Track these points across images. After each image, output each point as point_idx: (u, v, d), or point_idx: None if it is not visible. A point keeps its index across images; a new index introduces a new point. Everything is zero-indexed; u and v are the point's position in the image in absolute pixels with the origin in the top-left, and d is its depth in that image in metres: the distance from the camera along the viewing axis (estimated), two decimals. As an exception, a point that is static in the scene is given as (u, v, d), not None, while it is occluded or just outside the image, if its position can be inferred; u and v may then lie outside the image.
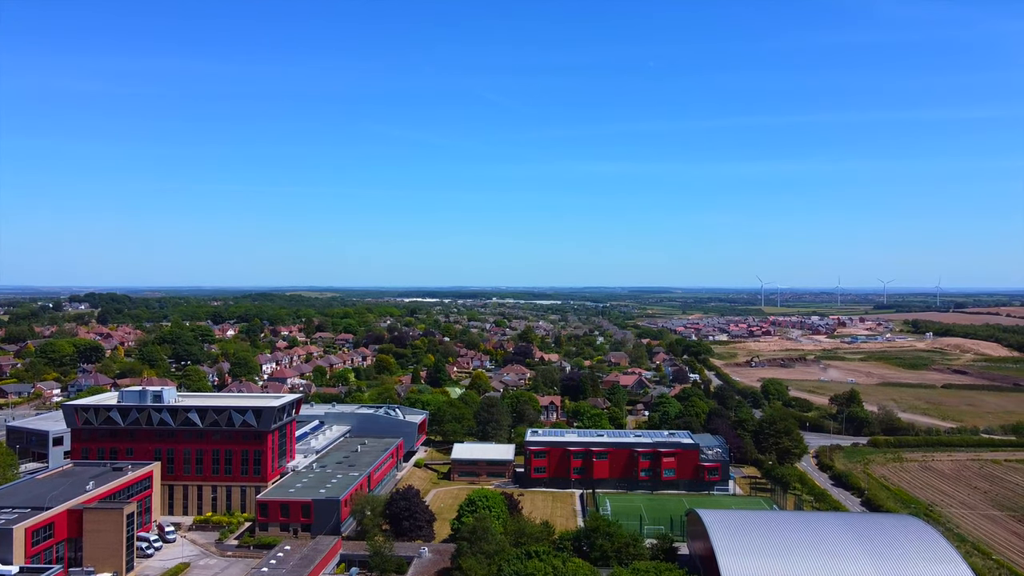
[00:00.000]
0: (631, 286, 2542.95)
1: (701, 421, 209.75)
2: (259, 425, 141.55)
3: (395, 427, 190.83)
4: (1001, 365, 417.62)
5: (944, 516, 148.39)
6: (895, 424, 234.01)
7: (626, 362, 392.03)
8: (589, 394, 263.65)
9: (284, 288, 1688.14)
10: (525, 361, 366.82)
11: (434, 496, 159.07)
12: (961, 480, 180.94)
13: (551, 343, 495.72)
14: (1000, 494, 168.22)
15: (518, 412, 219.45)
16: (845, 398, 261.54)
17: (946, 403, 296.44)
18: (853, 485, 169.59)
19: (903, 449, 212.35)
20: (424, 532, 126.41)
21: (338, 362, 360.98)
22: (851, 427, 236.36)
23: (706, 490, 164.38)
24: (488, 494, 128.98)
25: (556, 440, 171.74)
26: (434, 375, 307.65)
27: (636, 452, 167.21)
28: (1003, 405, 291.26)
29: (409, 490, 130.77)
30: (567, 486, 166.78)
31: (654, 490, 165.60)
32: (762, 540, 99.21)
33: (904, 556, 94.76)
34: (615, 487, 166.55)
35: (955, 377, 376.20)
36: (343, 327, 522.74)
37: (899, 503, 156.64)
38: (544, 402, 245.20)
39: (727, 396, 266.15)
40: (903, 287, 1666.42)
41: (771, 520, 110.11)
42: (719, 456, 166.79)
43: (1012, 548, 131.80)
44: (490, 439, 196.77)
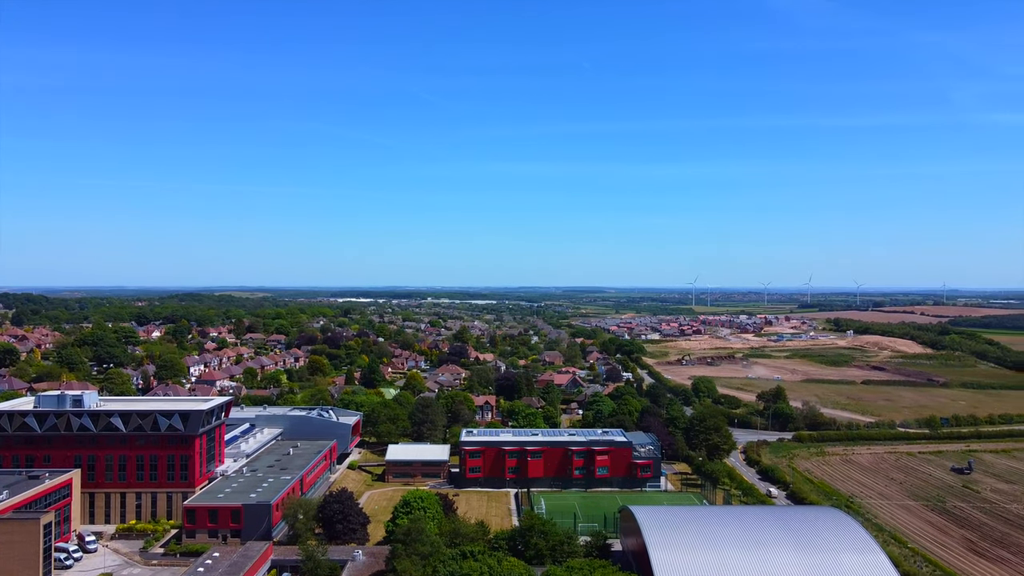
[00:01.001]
0: (566, 286, 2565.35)
1: (634, 419, 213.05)
2: (186, 429, 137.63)
3: (328, 429, 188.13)
4: (915, 361, 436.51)
5: (863, 507, 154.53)
6: (818, 419, 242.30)
7: (560, 361, 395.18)
8: (524, 393, 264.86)
9: (213, 288, 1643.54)
10: (460, 361, 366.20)
11: (368, 498, 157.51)
12: (879, 472, 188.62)
13: (486, 343, 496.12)
14: (914, 485, 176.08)
15: (453, 412, 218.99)
16: (771, 395, 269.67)
17: (865, 398, 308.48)
18: (779, 479, 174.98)
19: (825, 443, 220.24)
20: (358, 535, 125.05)
21: (270, 364, 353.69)
22: (777, 423, 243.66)
23: (639, 487, 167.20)
24: (423, 495, 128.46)
25: (491, 440, 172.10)
26: (368, 376, 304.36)
27: (570, 451, 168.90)
28: (917, 400, 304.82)
29: (343, 492, 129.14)
30: (502, 485, 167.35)
31: (588, 488, 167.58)
32: (692, 535, 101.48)
33: (826, 546, 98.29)
34: (550, 486, 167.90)
35: (874, 373, 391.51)
36: (275, 328, 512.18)
37: (822, 495, 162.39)
38: (479, 402, 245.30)
39: (659, 394, 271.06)
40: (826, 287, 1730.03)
41: (701, 515, 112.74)
42: (651, 453, 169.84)
43: (925, 536, 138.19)
44: (425, 440, 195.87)
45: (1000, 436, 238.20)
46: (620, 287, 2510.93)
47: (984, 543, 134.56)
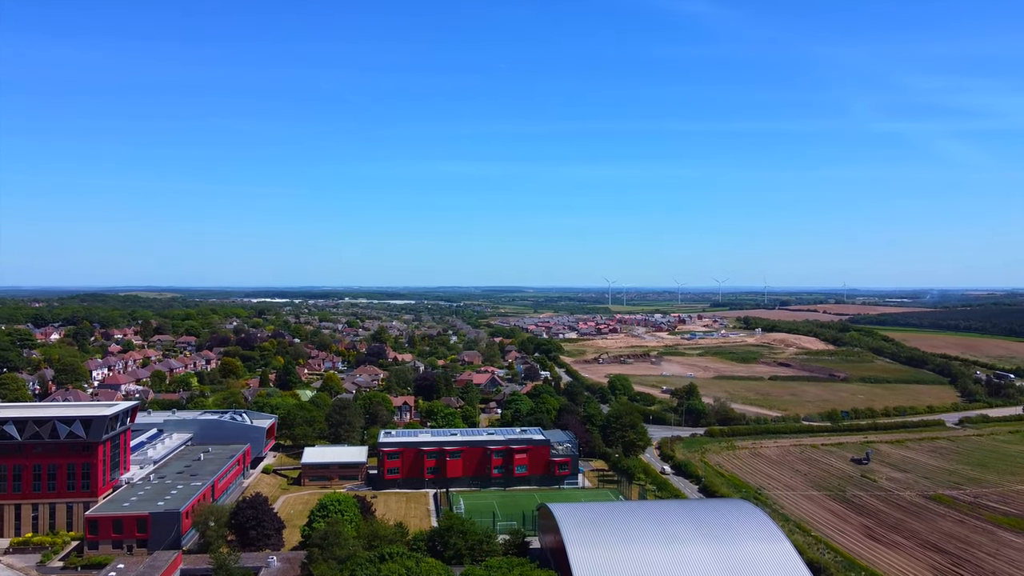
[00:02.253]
0: (485, 286, 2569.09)
1: (552, 417, 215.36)
2: (88, 436, 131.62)
3: (242, 432, 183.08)
4: (819, 358, 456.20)
5: (770, 498, 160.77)
6: (729, 415, 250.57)
7: (479, 361, 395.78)
8: (443, 393, 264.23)
9: (117, 288, 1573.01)
10: (378, 362, 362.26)
11: (284, 502, 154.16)
12: (785, 464, 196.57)
13: (405, 343, 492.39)
14: (818, 476, 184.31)
15: (371, 413, 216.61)
16: (685, 391, 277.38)
17: (773, 394, 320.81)
18: (692, 473, 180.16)
19: (736, 437, 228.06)
20: (273, 541, 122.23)
21: (179, 366, 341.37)
22: (690, 419, 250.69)
23: (557, 484, 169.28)
24: (340, 498, 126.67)
25: (410, 440, 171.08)
26: (284, 378, 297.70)
27: (489, 450, 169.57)
28: (820, 394, 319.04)
29: (257, 497, 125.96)
30: (421, 486, 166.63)
31: (507, 486, 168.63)
32: (609, 531, 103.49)
33: (736, 537, 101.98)
34: (469, 485, 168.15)
35: (780, 369, 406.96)
36: (185, 329, 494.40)
37: (732, 488, 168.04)
38: (398, 403, 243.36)
39: (576, 392, 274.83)
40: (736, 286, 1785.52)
41: (617, 511, 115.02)
42: (569, 451, 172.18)
43: (827, 524, 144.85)
44: (342, 442, 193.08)
45: (895, 427, 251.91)
46: (539, 287, 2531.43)
47: (880, 529, 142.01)
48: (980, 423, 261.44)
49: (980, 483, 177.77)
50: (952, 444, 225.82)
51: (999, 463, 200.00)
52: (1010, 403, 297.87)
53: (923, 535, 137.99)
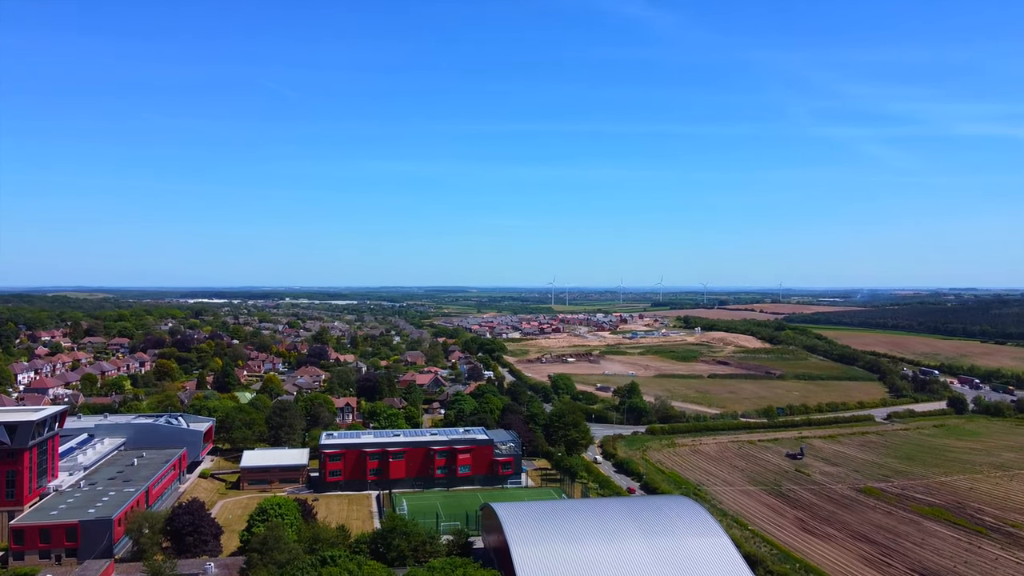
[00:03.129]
0: (428, 285, 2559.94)
1: (495, 417, 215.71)
2: (13, 442, 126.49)
3: (178, 436, 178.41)
4: (755, 356, 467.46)
5: (709, 494, 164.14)
6: (669, 412, 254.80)
7: (423, 361, 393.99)
8: (386, 394, 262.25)
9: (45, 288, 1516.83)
10: (320, 363, 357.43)
11: (222, 507, 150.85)
12: (723, 460, 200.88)
13: (347, 344, 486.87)
14: (754, 471, 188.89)
15: (313, 415, 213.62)
16: (626, 390, 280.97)
17: (712, 391, 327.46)
18: (633, 471, 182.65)
19: (676, 435, 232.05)
20: (210, 547, 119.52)
21: (111, 369, 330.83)
22: (632, 417, 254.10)
23: (500, 484, 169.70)
24: (281, 501, 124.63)
25: (352, 442, 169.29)
26: (222, 380, 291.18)
27: (432, 450, 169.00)
28: (757, 392, 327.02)
29: (193, 503, 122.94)
30: (364, 488, 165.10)
31: (450, 487, 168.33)
32: (552, 528, 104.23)
33: (675, 533, 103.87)
34: (412, 486, 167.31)
35: (719, 367, 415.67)
36: (117, 331, 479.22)
37: (672, 485, 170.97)
38: (340, 404, 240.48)
39: (520, 392, 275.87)
40: (676, 286, 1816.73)
41: (560, 509, 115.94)
42: (512, 450, 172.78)
43: (764, 518, 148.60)
44: (283, 444, 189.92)
45: (828, 423, 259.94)
46: (482, 287, 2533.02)
47: (814, 521, 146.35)
48: (907, 418, 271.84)
49: (907, 475, 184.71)
50: (881, 438, 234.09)
51: (924, 456, 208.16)
52: (934, 398, 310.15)
53: (854, 526, 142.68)
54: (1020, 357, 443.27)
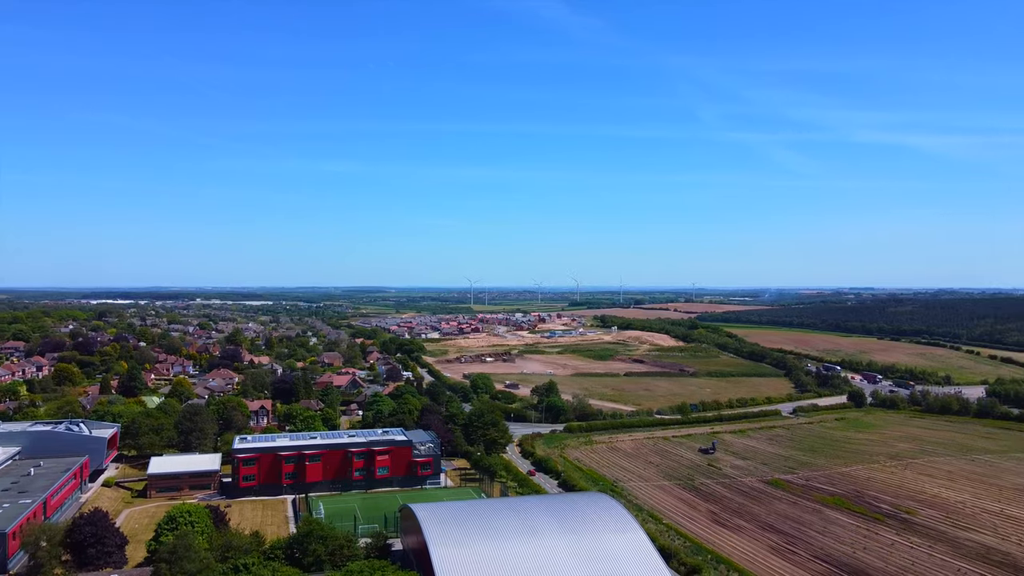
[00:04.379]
0: (346, 286, 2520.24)
1: (414, 418, 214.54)
2: None
3: (79, 444, 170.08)
4: (670, 354, 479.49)
5: (626, 490, 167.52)
6: (587, 411, 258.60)
7: (340, 362, 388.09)
8: (302, 396, 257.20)
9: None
10: (233, 365, 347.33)
11: (127, 516, 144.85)
12: (639, 457, 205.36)
13: (262, 345, 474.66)
14: (669, 466, 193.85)
15: (225, 419, 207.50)
16: (545, 389, 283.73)
17: (628, 389, 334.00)
18: (552, 469, 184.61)
19: (593, 432, 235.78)
20: (115, 558, 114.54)
21: (5, 374, 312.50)
22: (550, 415, 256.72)
23: (419, 485, 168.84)
24: (191, 508, 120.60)
25: (266, 446, 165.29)
26: (128, 384, 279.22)
27: (350, 452, 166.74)
28: (671, 389, 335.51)
29: (96, 513, 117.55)
30: (279, 492, 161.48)
31: (369, 489, 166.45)
32: (471, 528, 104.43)
33: (593, 529, 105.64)
34: (329, 489, 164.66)
35: (634, 366, 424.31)
36: (11, 334, 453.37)
37: (590, 482, 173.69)
38: (254, 407, 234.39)
39: (439, 392, 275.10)
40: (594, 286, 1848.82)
41: (479, 508, 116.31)
42: (431, 451, 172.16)
43: (678, 512, 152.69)
44: (194, 449, 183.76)
45: (738, 418, 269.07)
46: (401, 287, 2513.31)
47: (725, 514, 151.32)
48: (811, 412, 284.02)
49: (811, 467, 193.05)
50: (787, 432, 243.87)
51: (827, 448, 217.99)
52: (836, 392, 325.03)
53: (762, 517, 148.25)
54: (913, 352, 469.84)
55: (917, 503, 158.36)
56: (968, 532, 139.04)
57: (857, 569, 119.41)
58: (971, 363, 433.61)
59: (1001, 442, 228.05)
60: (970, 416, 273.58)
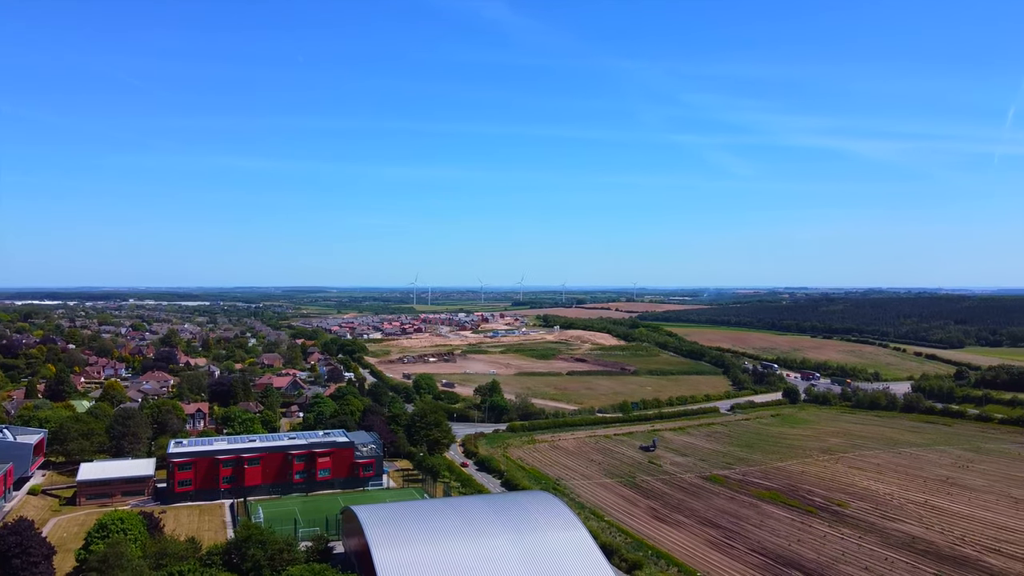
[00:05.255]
0: (286, 286, 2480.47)
1: (356, 419, 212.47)
2: None
3: (2, 451, 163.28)
4: (611, 353, 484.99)
5: (568, 488, 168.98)
6: (529, 410, 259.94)
7: (280, 363, 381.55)
8: (241, 398, 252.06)
9: None
10: (169, 367, 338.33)
11: (55, 525, 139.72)
12: (581, 455, 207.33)
13: (198, 347, 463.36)
14: (610, 464, 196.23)
15: (160, 423, 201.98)
16: (487, 388, 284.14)
17: (570, 388, 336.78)
18: (495, 468, 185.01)
19: (536, 431, 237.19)
20: (41, 568, 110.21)
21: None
22: (493, 415, 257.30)
23: (361, 486, 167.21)
24: (123, 516, 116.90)
25: (203, 449, 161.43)
26: (56, 387, 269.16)
27: (290, 455, 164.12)
28: (613, 387, 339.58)
29: (21, 522, 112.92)
30: (216, 497, 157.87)
31: (310, 492, 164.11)
32: (414, 529, 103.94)
33: (536, 527, 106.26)
34: (269, 493, 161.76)
35: (577, 365, 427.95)
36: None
37: (533, 480, 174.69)
38: (190, 410, 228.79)
39: (381, 393, 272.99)
40: (536, 285, 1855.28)
41: (422, 509, 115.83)
42: (374, 452, 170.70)
43: (619, 509, 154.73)
44: (126, 455, 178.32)
45: (678, 416, 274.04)
46: (343, 287, 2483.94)
47: (665, 510, 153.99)
48: (748, 408, 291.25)
49: (747, 463, 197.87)
50: (725, 429, 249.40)
51: (763, 444, 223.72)
52: (772, 389, 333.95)
53: (701, 513, 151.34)
54: (844, 350, 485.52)
55: (848, 496, 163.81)
56: (895, 522, 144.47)
57: (791, 561, 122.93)
58: (898, 360, 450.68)
59: (926, 435, 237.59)
60: (897, 411, 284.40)
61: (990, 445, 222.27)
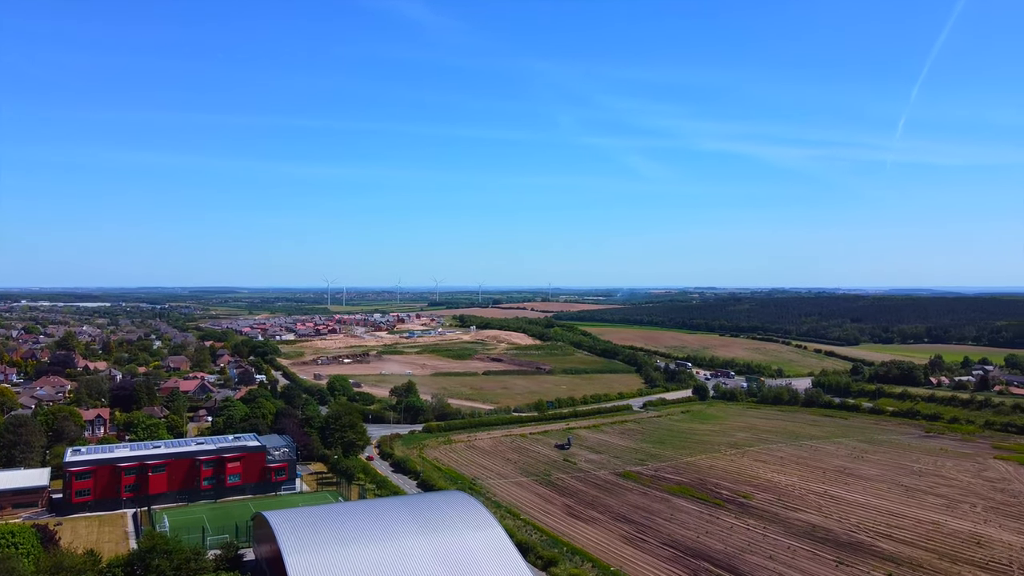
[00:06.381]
0: (193, 286, 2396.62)
1: (268, 422, 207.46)
2: None
3: None
4: (527, 352, 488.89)
5: (484, 487, 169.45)
6: (446, 410, 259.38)
7: (188, 366, 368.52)
8: (145, 403, 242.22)
9: None
10: (65, 371, 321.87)
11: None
12: (497, 454, 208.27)
13: (99, 350, 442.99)
14: (526, 463, 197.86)
15: (56, 430, 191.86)
16: (403, 389, 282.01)
17: (486, 388, 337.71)
18: (411, 469, 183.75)
19: (452, 432, 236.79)
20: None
21: None
22: (409, 416, 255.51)
23: (273, 491, 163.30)
24: (15, 529, 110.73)
25: (104, 457, 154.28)
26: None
27: (198, 460, 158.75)
28: (528, 387, 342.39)
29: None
30: (118, 507, 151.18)
31: (219, 498, 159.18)
32: (328, 533, 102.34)
33: (452, 527, 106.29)
34: (175, 500, 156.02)
35: (493, 364, 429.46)
36: None
37: (449, 481, 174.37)
38: (89, 416, 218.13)
39: (295, 395, 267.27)
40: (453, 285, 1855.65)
41: (336, 512, 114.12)
42: (286, 456, 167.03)
43: (535, 507, 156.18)
44: (18, 465, 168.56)
45: (592, 414, 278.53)
46: (254, 287, 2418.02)
47: (579, 507, 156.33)
48: (660, 405, 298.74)
49: (659, 458, 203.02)
50: (638, 426, 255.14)
51: (674, 440, 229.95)
52: (683, 387, 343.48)
53: (615, 509, 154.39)
54: (750, 348, 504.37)
55: (753, 488, 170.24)
56: (797, 512, 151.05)
57: (701, 553, 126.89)
58: (799, 357, 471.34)
59: (825, 428, 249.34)
60: (799, 406, 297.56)
61: (882, 436, 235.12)
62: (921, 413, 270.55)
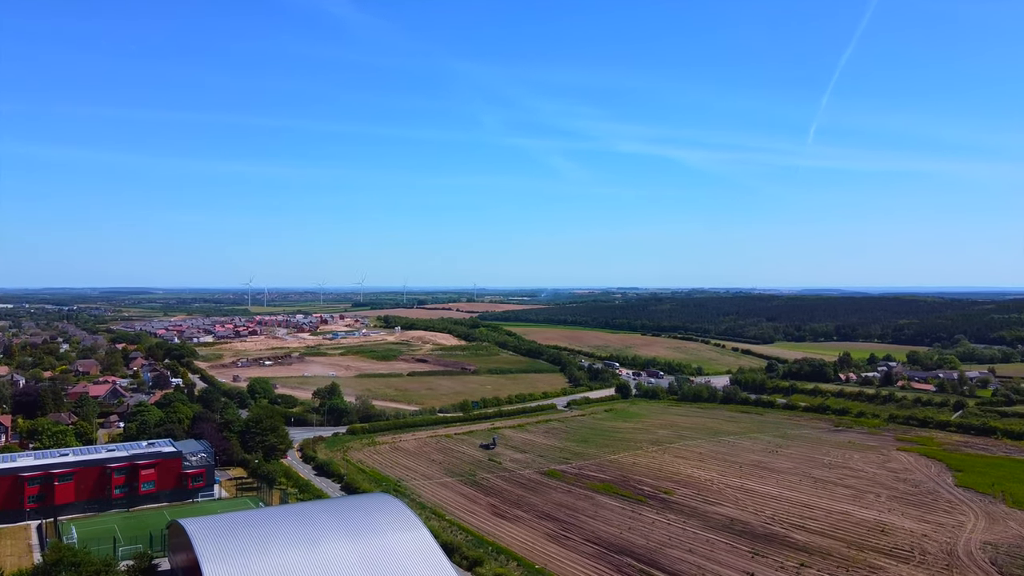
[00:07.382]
0: (104, 287, 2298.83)
1: (185, 427, 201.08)
2: None
3: None
4: (452, 352, 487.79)
5: (409, 488, 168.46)
6: (370, 411, 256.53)
7: (98, 370, 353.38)
8: (51, 409, 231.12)
9: None
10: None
11: None
12: (422, 455, 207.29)
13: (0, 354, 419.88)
14: (451, 463, 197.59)
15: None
16: (327, 391, 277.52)
17: (411, 389, 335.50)
18: (334, 472, 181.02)
19: (376, 433, 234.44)
20: None
21: None
22: (332, 418, 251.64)
23: (190, 498, 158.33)
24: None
25: (4, 467, 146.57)
26: None
27: (109, 468, 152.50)
28: (453, 387, 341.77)
29: None
30: (21, 519, 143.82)
31: (131, 507, 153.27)
32: (247, 539, 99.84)
33: (376, 530, 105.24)
34: (84, 510, 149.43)
35: (418, 365, 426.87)
36: None
37: (373, 483, 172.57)
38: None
39: (213, 399, 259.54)
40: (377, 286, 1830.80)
41: (256, 518, 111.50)
42: (204, 461, 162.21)
43: (460, 507, 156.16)
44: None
45: (517, 413, 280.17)
46: (169, 288, 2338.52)
47: (504, 506, 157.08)
48: (583, 404, 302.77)
49: (583, 457, 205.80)
50: (562, 425, 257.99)
51: (597, 438, 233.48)
52: (606, 386, 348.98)
53: (540, 507, 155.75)
54: (671, 347, 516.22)
55: (674, 483, 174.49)
56: (715, 506, 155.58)
57: (623, 548, 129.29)
58: (718, 355, 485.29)
59: (742, 424, 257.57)
60: (718, 403, 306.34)
61: (795, 431, 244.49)
62: (831, 408, 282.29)
